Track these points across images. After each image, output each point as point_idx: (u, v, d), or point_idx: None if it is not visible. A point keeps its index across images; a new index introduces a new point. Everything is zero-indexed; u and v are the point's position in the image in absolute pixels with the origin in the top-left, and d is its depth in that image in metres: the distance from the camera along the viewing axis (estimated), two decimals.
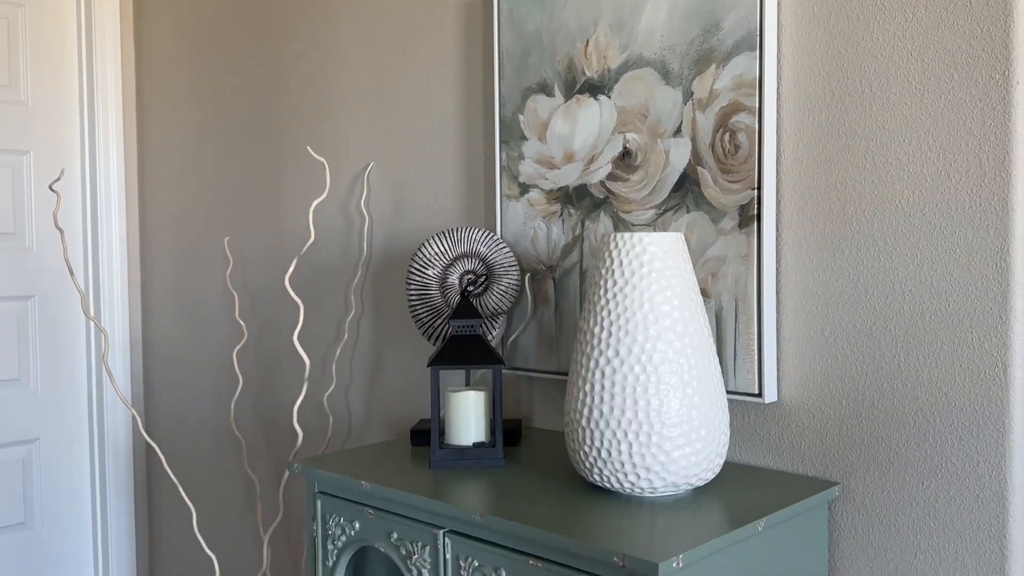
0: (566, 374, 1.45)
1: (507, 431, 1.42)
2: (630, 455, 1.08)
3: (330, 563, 1.32)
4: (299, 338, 1.74)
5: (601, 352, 1.11)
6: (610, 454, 1.09)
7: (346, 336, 1.85)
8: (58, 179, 1.68)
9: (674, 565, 0.91)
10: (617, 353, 1.09)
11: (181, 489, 1.69)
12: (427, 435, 1.43)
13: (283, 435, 2.03)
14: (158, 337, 2.43)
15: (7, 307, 2.38)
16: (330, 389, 1.84)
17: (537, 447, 1.41)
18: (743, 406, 1.29)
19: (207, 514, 2.26)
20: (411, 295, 1.49)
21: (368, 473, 1.28)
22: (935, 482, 1.11)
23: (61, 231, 1.65)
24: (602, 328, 1.11)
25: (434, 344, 1.50)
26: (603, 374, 1.10)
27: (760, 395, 1.24)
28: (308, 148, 1.76)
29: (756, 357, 1.24)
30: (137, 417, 1.65)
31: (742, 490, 1.15)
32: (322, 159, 1.81)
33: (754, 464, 1.28)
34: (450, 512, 1.12)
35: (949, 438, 1.10)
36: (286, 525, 2.01)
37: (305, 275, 1.94)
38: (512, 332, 1.53)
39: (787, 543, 1.11)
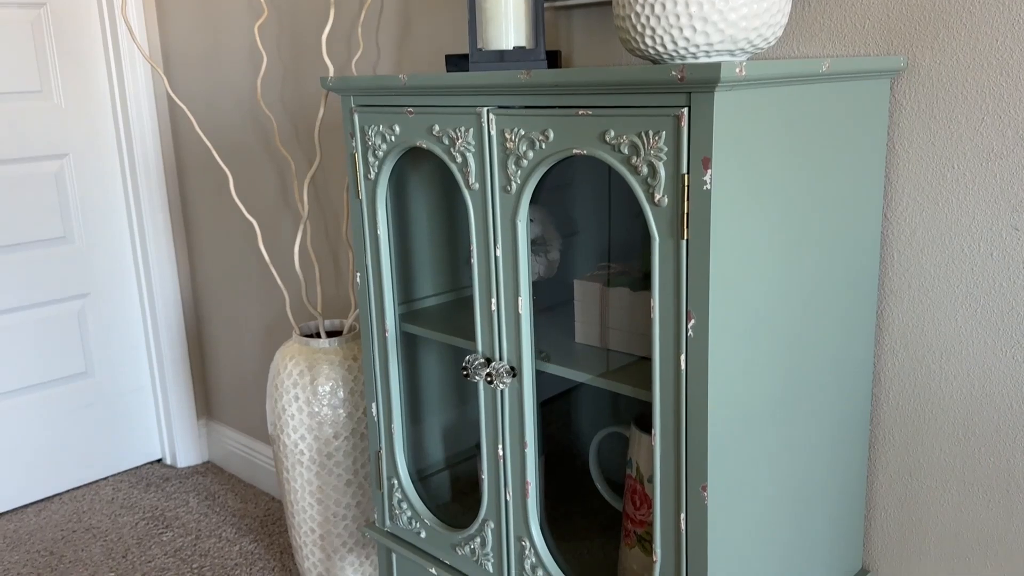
0: None
1: (547, 52, 1.35)
2: (686, 5, 1.01)
3: (372, 175, 1.30)
4: None
5: None
6: (664, 7, 1.02)
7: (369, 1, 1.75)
8: None
9: (736, 71, 0.86)
10: None
11: (215, 153, 1.66)
12: (463, 58, 1.37)
13: (311, 114, 1.98)
14: (173, 22, 2.34)
15: (17, 14, 2.29)
16: (357, 55, 1.77)
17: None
18: None
19: (241, 186, 2.26)
20: None
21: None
22: (1011, 37, 1.04)
23: None
24: None
25: None
26: None
27: None
28: None
29: None
30: (160, 72, 1.59)
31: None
32: None
33: (814, 56, 1.21)
34: (493, 81, 1.07)
35: None
36: (324, 183, 2.00)
37: None
38: None
39: (847, 105, 1.06)
